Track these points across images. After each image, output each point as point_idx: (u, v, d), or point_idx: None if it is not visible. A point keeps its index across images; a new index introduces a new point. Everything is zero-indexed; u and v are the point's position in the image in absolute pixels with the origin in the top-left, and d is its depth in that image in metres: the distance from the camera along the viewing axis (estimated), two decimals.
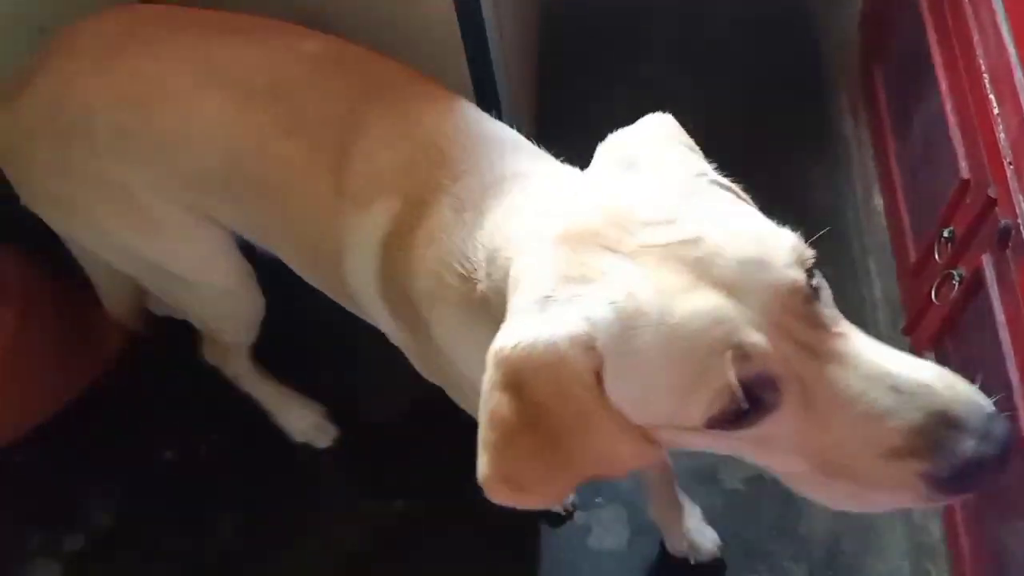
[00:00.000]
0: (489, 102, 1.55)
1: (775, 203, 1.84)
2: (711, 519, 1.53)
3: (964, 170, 1.32)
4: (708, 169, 0.74)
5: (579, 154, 0.88)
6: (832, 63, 2.03)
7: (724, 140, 1.98)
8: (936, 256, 1.41)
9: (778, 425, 0.63)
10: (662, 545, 1.50)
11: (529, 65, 1.97)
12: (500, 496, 0.68)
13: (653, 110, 2.07)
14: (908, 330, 1.56)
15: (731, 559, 1.50)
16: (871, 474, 0.63)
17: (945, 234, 1.38)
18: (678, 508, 1.46)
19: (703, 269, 0.61)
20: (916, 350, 1.52)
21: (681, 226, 0.64)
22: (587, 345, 0.63)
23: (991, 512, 1.25)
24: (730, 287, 0.61)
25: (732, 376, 0.59)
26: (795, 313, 0.62)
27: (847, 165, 1.88)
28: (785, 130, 1.98)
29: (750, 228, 0.66)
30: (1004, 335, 1.18)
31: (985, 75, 1.26)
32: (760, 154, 1.96)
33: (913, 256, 1.54)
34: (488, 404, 0.65)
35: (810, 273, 0.64)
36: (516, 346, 0.64)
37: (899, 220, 1.63)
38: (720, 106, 2.04)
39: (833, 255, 1.80)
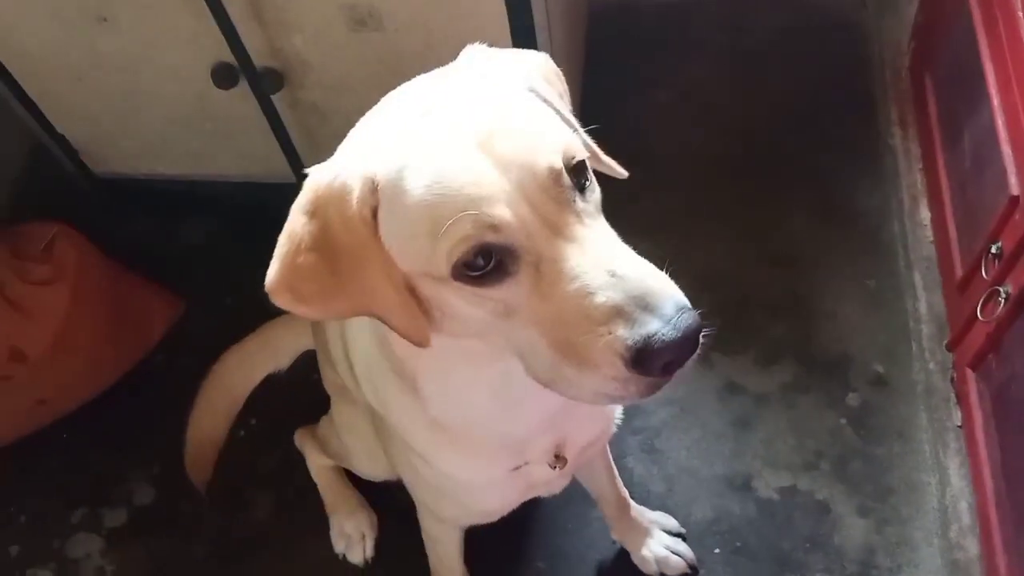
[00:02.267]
0: None
1: (820, 213, 1.86)
2: (744, 528, 1.53)
3: (1014, 186, 1.30)
4: (543, 89, 0.81)
5: (619, 151, 0.88)
6: (882, 74, 2.01)
7: (770, 148, 2.00)
8: (983, 272, 1.40)
9: (515, 292, 0.71)
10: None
11: (576, 63, 1.98)
12: (282, 302, 0.76)
13: (696, 115, 2.09)
14: (952, 345, 1.54)
15: (763, 569, 1.50)
16: (584, 352, 0.69)
17: (993, 250, 1.36)
18: (641, 532, 1.50)
19: (484, 142, 0.69)
20: (959, 366, 1.50)
21: (485, 108, 0.73)
22: (371, 184, 0.72)
23: None
24: (500, 161, 0.69)
25: (474, 236, 0.68)
26: (549, 195, 0.70)
27: (894, 177, 1.86)
28: (832, 140, 1.96)
29: (534, 121, 0.74)
30: None
31: None
32: (806, 164, 1.95)
33: (959, 271, 1.53)
34: (289, 222, 0.75)
35: (581, 171, 0.73)
36: (320, 179, 0.74)
37: (946, 234, 1.61)
38: (766, 115, 2.03)
39: (878, 268, 1.78)
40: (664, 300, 0.67)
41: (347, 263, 0.74)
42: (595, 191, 0.76)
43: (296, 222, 0.74)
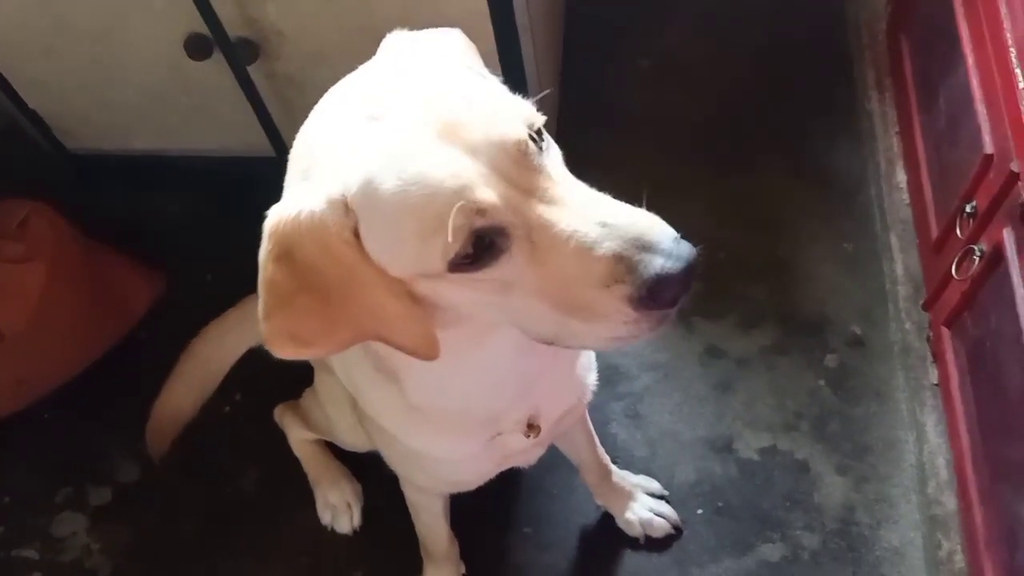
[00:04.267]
0: (513, 65, 1.55)
1: (796, 176, 1.88)
2: (726, 488, 1.56)
3: (988, 145, 1.32)
4: (473, 65, 0.82)
5: (601, 118, 0.88)
6: (859, 37, 2.01)
7: (747, 112, 2.00)
8: (958, 231, 1.41)
9: (511, 266, 0.71)
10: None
11: (554, 32, 1.97)
12: (286, 352, 0.74)
13: (675, 80, 2.09)
14: (928, 305, 1.56)
15: (745, 528, 1.52)
16: (592, 305, 0.70)
17: (967, 209, 1.37)
18: (624, 496, 1.52)
19: (446, 131, 0.69)
20: (935, 324, 1.53)
21: (435, 97, 0.72)
22: (342, 205, 0.70)
23: (1005, 486, 1.25)
24: (468, 146, 0.69)
25: (465, 225, 0.67)
26: (522, 165, 0.70)
27: (871, 140, 1.87)
28: (809, 103, 1.97)
29: (490, 98, 0.74)
30: (1023, 309, 1.18)
31: (1012, 49, 1.25)
32: (784, 128, 1.96)
33: (935, 231, 1.54)
34: (264, 274, 0.72)
35: (539, 135, 0.73)
36: (282, 219, 0.71)
37: (922, 195, 1.63)
38: (743, 78, 2.04)
39: (855, 230, 1.80)
40: (659, 236, 0.69)
41: (341, 291, 0.72)
42: (554, 148, 0.76)
43: (271, 271, 0.72)
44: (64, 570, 1.62)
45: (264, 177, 0.75)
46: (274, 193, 0.85)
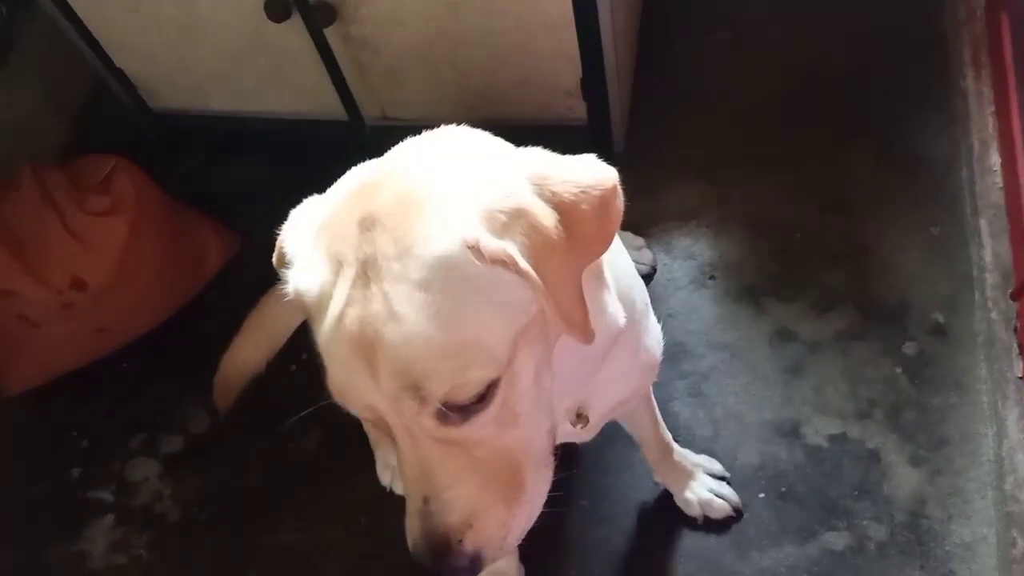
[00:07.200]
0: (589, 38, 1.53)
1: (884, 157, 1.80)
2: (790, 473, 1.52)
3: None
4: (486, 241, 0.69)
5: (678, 92, 0.85)
6: (955, 11, 1.91)
7: (833, 89, 1.93)
8: None
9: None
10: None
11: (633, 7, 1.93)
12: None
13: (757, 56, 2.01)
14: (1016, 295, 1.48)
15: (809, 515, 1.48)
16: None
17: None
18: (684, 475, 1.49)
19: (361, 347, 0.72)
20: (1023, 315, 1.45)
21: (379, 300, 0.71)
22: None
23: None
24: (376, 370, 0.72)
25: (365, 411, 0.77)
26: (420, 412, 0.74)
27: (965, 121, 1.78)
28: (899, 80, 1.89)
29: (426, 335, 0.70)
30: None
31: None
32: (870, 105, 1.88)
33: None
34: None
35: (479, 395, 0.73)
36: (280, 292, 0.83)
37: (1016, 180, 1.54)
38: (830, 55, 1.96)
39: (943, 214, 1.72)
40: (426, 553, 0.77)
41: None
42: (489, 408, 0.75)
43: None
44: (136, 513, 1.68)
45: (336, 140, 0.75)
46: (346, 156, 0.85)
